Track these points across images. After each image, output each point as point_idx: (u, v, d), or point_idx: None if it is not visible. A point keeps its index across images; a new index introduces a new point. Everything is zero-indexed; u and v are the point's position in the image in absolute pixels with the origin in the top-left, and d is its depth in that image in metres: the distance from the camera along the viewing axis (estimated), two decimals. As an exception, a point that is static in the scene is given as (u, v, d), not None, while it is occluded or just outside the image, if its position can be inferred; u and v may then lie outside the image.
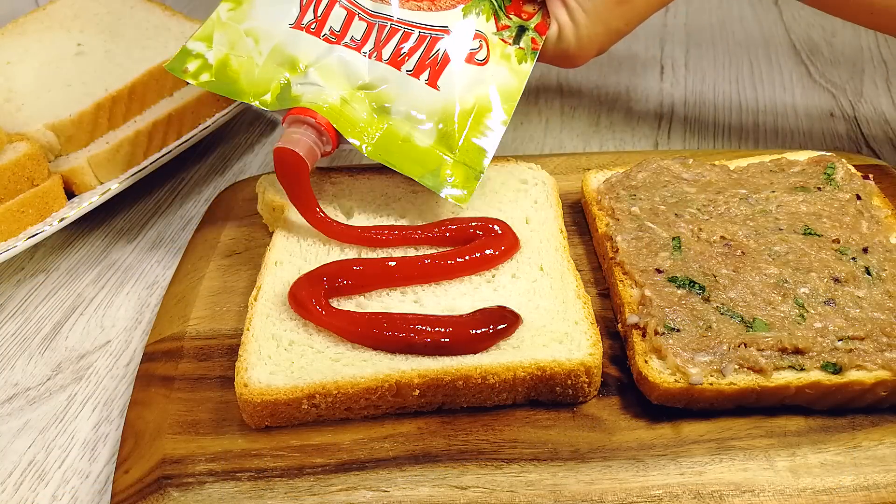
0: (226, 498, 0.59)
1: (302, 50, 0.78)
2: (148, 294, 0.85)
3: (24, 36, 1.04)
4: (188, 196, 1.00)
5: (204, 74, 0.78)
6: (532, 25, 0.82)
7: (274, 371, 0.64)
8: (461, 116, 0.77)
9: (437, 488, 0.59)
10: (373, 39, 0.78)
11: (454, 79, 0.77)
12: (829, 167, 0.82)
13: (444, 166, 0.76)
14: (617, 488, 0.58)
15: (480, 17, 0.79)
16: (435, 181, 0.75)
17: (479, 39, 0.79)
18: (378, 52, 0.78)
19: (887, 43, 1.29)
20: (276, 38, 0.78)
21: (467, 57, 0.78)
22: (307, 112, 0.74)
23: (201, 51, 0.79)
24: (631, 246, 0.74)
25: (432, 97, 0.77)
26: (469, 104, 0.77)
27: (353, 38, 0.78)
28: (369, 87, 0.77)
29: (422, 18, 0.78)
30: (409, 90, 0.77)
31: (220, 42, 0.78)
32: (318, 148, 0.75)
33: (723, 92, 1.17)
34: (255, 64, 0.78)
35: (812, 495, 0.57)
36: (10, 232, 0.84)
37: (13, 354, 0.79)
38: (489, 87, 0.78)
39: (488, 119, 0.77)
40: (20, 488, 0.66)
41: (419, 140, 0.76)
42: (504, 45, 0.80)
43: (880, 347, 0.64)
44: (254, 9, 0.79)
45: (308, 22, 0.78)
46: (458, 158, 0.76)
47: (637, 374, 0.65)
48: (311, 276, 0.70)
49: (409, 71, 0.77)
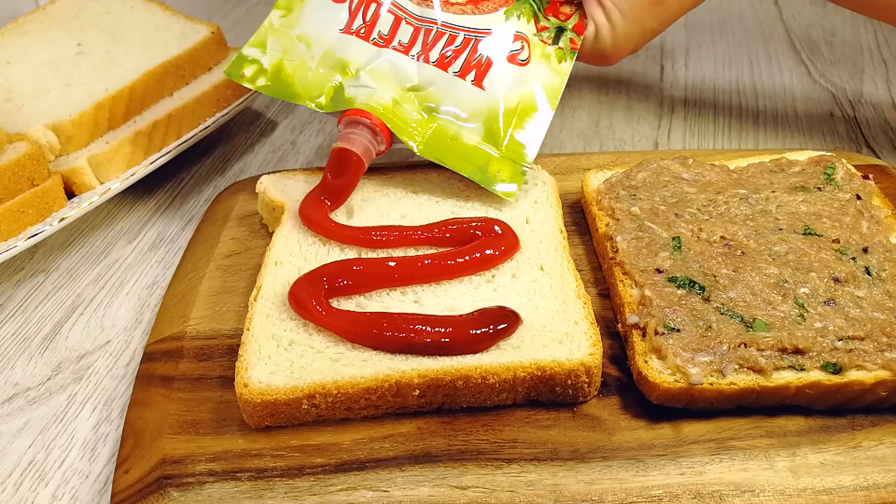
0: (226, 498, 0.59)
1: (352, 54, 0.81)
2: (148, 294, 0.85)
3: (24, 36, 1.04)
4: (188, 196, 1.00)
5: (260, 79, 0.82)
6: (570, 26, 0.84)
7: (274, 371, 0.64)
8: (506, 115, 0.80)
9: (437, 488, 0.59)
10: (420, 43, 0.81)
11: (498, 79, 0.80)
12: (829, 167, 0.82)
13: (491, 162, 0.79)
14: (617, 488, 0.58)
15: (521, 19, 0.82)
16: (484, 177, 0.78)
17: (520, 41, 0.82)
18: (426, 55, 0.81)
19: (887, 43, 1.29)
20: (328, 43, 0.82)
21: (510, 57, 0.81)
22: (362, 113, 0.78)
23: (256, 56, 0.82)
24: (631, 246, 0.74)
25: (478, 97, 0.80)
26: (513, 103, 0.80)
27: (401, 42, 0.81)
28: (418, 88, 0.81)
29: (465, 21, 0.82)
30: (456, 90, 0.80)
31: (273, 47, 0.82)
32: (373, 147, 0.79)
33: (723, 92, 1.17)
34: (308, 68, 0.81)
35: (812, 495, 0.57)
36: (10, 232, 0.84)
37: (13, 354, 0.79)
38: (532, 86, 0.81)
39: (532, 117, 0.80)
40: (20, 488, 0.66)
41: (467, 138, 0.80)
42: (544, 45, 0.83)
43: (880, 347, 0.64)
44: (304, 15, 0.83)
45: (357, 27, 0.82)
46: (504, 154, 0.79)
47: (637, 374, 0.65)
48: (311, 276, 0.70)
49: (456, 72, 0.80)
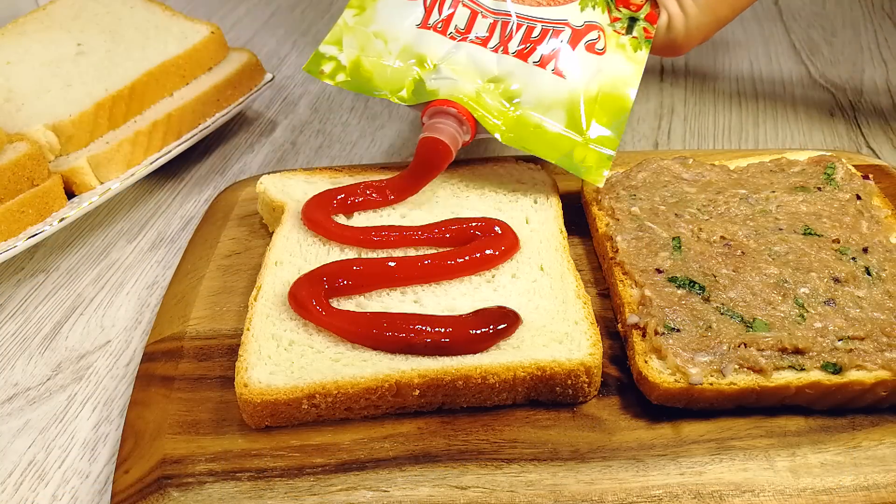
0: (226, 498, 0.59)
1: (431, 48, 0.82)
2: (148, 294, 0.85)
3: (24, 36, 1.04)
4: (188, 196, 1.00)
5: (340, 75, 0.83)
6: (642, 16, 0.85)
7: (274, 371, 0.64)
8: (587, 103, 0.80)
9: (437, 488, 0.59)
10: (497, 35, 0.83)
11: (578, 68, 0.81)
12: (829, 167, 0.82)
13: (577, 149, 0.79)
14: (617, 488, 0.58)
15: (596, 9, 0.84)
16: (571, 163, 0.79)
17: (596, 30, 0.83)
18: (504, 46, 0.82)
19: (887, 43, 1.29)
20: (405, 39, 0.83)
21: (587, 46, 0.82)
22: (448, 103, 0.79)
23: (333, 53, 0.84)
24: (631, 246, 0.74)
25: (559, 86, 0.81)
26: (593, 91, 0.81)
27: (478, 35, 0.83)
28: (499, 79, 0.81)
29: (541, 13, 0.83)
30: (537, 80, 0.81)
31: (350, 45, 0.84)
32: (460, 137, 0.80)
33: (723, 92, 1.17)
34: (387, 63, 0.83)
35: (812, 495, 0.57)
36: (10, 232, 0.84)
37: (13, 354, 0.79)
38: (610, 75, 0.82)
39: (612, 104, 0.81)
40: (20, 488, 0.66)
41: (550, 126, 0.80)
42: (618, 35, 0.84)
43: (880, 347, 0.64)
44: (378, 13, 0.84)
45: (434, 22, 0.83)
46: (587, 141, 0.79)
47: (637, 374, 0.65)
48: (311, 276, 0.70)
49: (536, 62, 0.81)
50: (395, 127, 1.13)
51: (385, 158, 1.06)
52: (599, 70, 0.81)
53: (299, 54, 1.33)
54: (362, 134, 1.12)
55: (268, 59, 1.31)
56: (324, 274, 0.70)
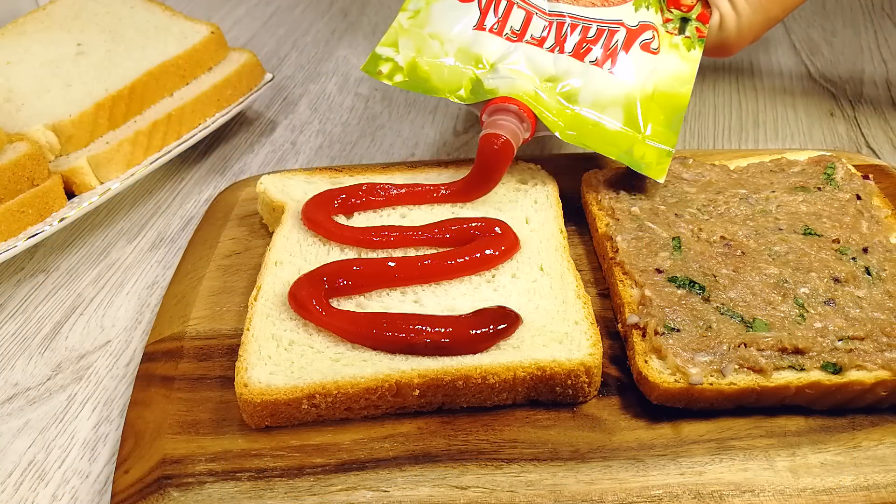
0: (226, 498, 0.59)
1: (487, 49, 0.83)
2: (148, 294, 0.85)
3: (24, 36, 1.04)
4: (188, 196, 1.00)
5: (397, 76, 0.84)
6: (694, 16, 0.85)
7: (274, 371, 0.64)
8: (643, 102, 0.81)
9: (437, 488, 0.59)
10: (553, 35, 0.83)
11: (633, 67, 0.82)
12: (829, 167, 0.82)
13: (636, 146, 0.80)
14: (617, 488, 0.58)
15: (650, 10, 0.84)
16: (631, 159, 0.79)
17: (651, 30, 0.84)
18: (560, 47, 0.83)
19: (887, 43, 1.29)
20: (461, 40, 0.84)
21: (643, 46, 0.83)
22: (508, 100, 0.80)
23: (390, 55, 0.85)
24: (631, 246, 0.74)
25: (616, 84, 0.81)
26: (649, 90, 0.82)
27: (533, 36, 0.83)
28: (556, 78, 0.82)
29: (596, 13, 0.84)
30: (594, 79, 0.82)
31: (406, 46, 0.85)
32: (520, 134, 0.80)
33: (723, 92, 1.17)
34: (443, 64, 0.83)
35: (812, 495, 0.57)
36: (10, 232, 0.84)
37: (13, 354, 0.79)
38: (665, 74, 0.83)
39: (668, 102, 0.81)
40: (20, 488, 0.66)
41: (608, 124, 0.81)
42: (671, 35, 0.84)
43: (880, 347, 0.64)
44: (432, 15, 0.85)
45: (490, 24, 0.84)
46: (645, 138, 0.80)
47: (637, 374, 0.65)
48: (311, 276, 0.70)
49: (592, 62, 0.82)
50: (395, 127, 1.13)
51: (385, 158, 1.06)
52: (655, 69, 0.82)
53: (299, 54, 1.33)
54: (362, 134, 1.12)
55: (268, 59, 1.31)
56: (324, 274, 0.70)
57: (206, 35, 1.05)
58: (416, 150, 1.07)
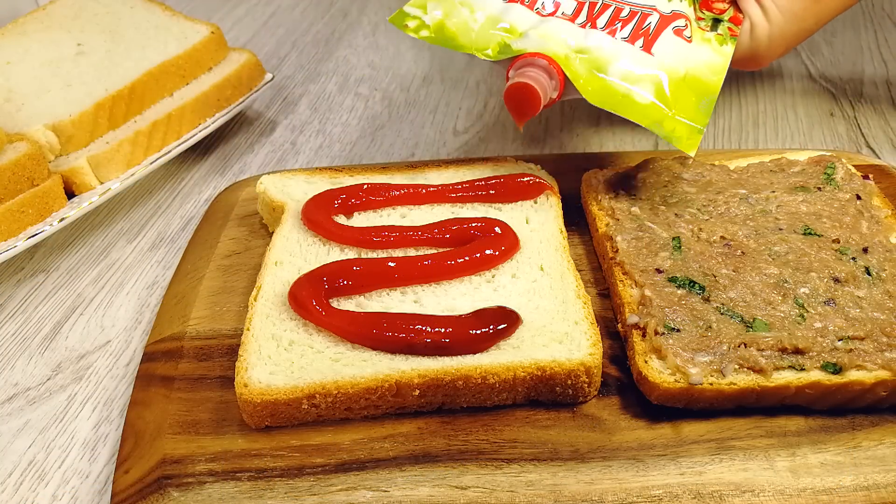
0: (226, 498, 0.59)
1: (517, 19, 0.82)
2: (148, 294, 0.85)
3: (24, 36, 1.04)
4: (188, 196, 1.00)
5: (423, 31, 0.83)
6: (726, 18, 0.84)
7: (274, 371, 0.64)
8: (673, 83, 0.79)
9: (437, 488, 0.59)
10: (585, 13, 0.82)
11: (666, 48, 0.80)
12: (829, 167, 0.82)
13: (666, 120, 0.78)
14: (617, 488, 0.58)
15: (683, 1, 0.83)
16: (662, 132, 0.78)
17: (683, 19, 0.82)
18: (592, 23, 0.82)
19: (887, 43, 1.29)
20: (491, 9, 0.83)
21: (676, 31, 0.82)
22: (538, 55, 0.78)
23: (418, 14, 0.83)
24: (631, 246, 0.74)
25: (647, 61, 0.80)
26: (680, 73, 0.80)
27: (564, 13, 0.82)
28: (585, 50, 0.80)
29: None
30: (625, 54, 0.80)
31: (434, 9, 0.83)
32: (549, 90, 0.78)
33: (723, 92, 1.17)
34: (471, 28, 0.82)
35: (812, 495, 0.57)
36: (10, 232, 0.84)
37: (13, 354, 0.79)
38: (697, 61, 0.81)
39: (699, 86, 0.80)
40: (20, 488, 0.66)
41: (638, 97, 0.79)
42: (703, 31, 0.83)
43: (880, 347, 0.64)
44: None
45: None
46: (676, 113, 0.78)
47: (637, 374, 0.65)
48: (311, 276, 0.70)
49: (625, 38, 0.81)
50: (395, 127, 1.13)
51: (385, 158, 1.06)
52: (686, 57, 0.81)
53: (299, 54, 1.33)
54: (362, 134, 1.12)
55: (268, 59, 1.31)
56: (324, 274, 0.70)
57: (206, 35, 1.05)
58: (416, 150, 1.07)
